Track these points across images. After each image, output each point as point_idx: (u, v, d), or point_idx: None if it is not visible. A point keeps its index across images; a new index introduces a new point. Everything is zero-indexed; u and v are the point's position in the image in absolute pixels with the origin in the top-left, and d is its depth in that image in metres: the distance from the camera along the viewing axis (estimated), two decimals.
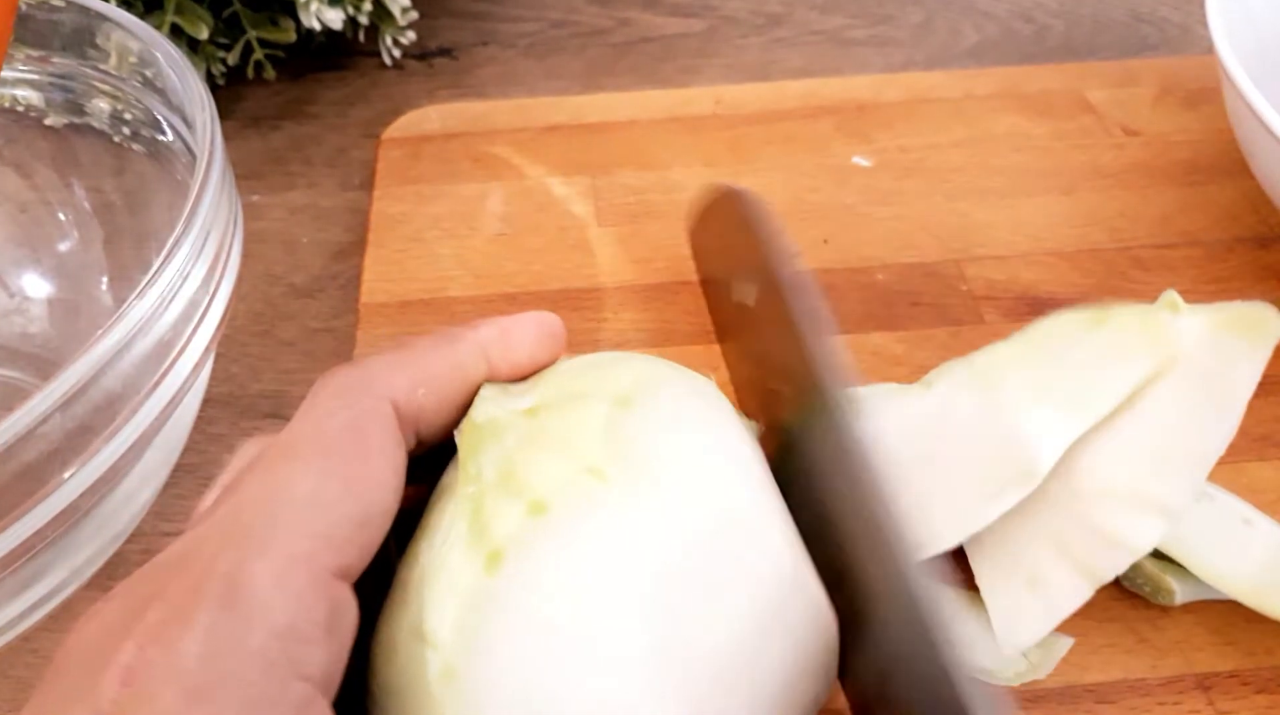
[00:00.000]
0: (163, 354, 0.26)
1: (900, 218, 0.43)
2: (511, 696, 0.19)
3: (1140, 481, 0.29)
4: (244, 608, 0.17)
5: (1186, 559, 0.29)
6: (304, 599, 0.18)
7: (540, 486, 0.20)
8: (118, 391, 0.25)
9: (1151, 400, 0.30)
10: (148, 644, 0.17)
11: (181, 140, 0.33)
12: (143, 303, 0.25)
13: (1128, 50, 0.54)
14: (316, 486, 0.19)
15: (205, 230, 0.27)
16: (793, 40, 0.55)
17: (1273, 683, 0.29)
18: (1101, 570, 0.29)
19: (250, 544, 0.18)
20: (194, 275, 0.27)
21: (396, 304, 0.40)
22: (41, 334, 0.37)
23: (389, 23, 0.51)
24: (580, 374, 0.23)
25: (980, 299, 0.40)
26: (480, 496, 0.21)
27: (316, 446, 0.20)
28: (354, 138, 0.49)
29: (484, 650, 0.19)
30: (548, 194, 0.44)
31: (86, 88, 0.36)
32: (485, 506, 0.20)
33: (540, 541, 0.20)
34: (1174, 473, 0.29)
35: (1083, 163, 0.45)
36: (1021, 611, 0.29)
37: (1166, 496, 0.29)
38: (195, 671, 0.16)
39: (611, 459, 0.20)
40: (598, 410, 0.21)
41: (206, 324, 0.27)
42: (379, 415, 0.21)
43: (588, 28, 0.56)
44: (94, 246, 0.38)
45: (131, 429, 0.25)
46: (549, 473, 0.21)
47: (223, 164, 0.29)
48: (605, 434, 0.21)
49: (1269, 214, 0.42)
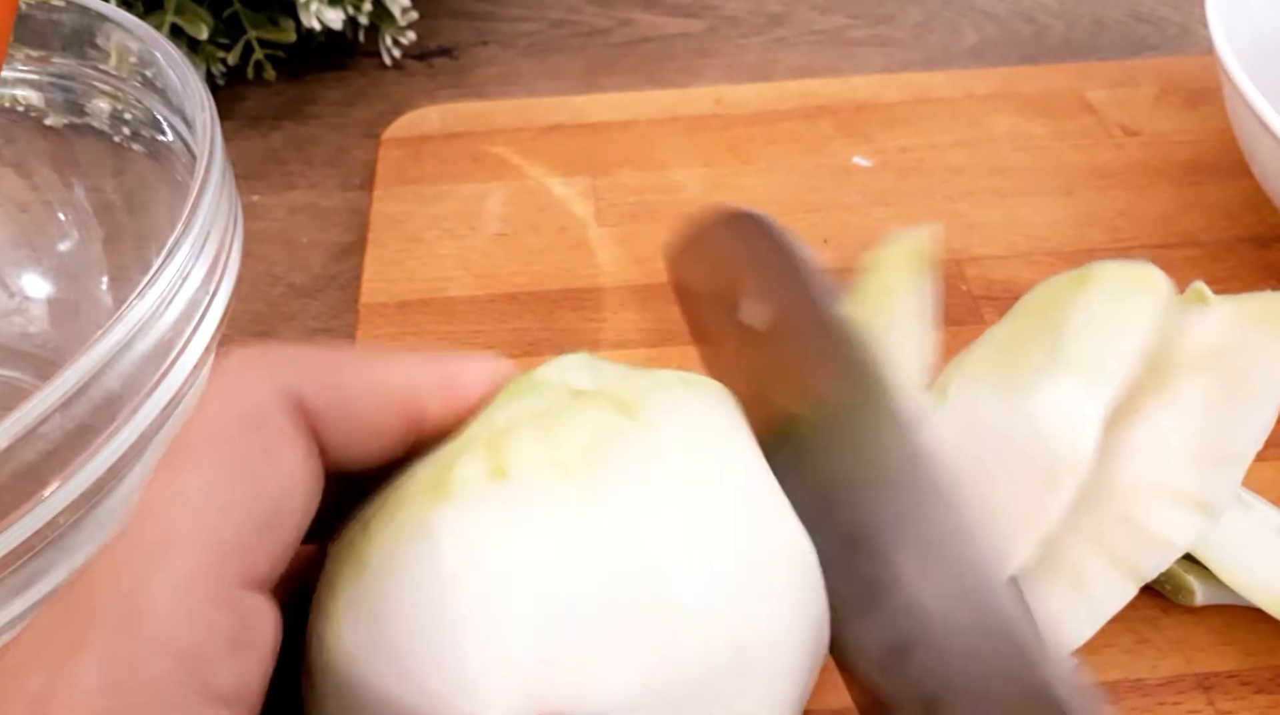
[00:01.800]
0: (163, 354, 0.26)
1: (900, 218, 0.43)
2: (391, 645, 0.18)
3: (1179, 478, 0.29)
4: (143, 632, 0.16)
5: (1217, 565, 0.29)
6: (206, 616, 0.16)
7: (516, 457, 0.19)
8: (118, 392, 0.24)
9: (1183, 394, 0.30)
10: (54, 673, 0.16)
11: (181, 140, 0.33)
12: (143, 303, 0.25)
13: (1127, 50, 0.54)
14: (212, 488, 0.17)
15: (205, 230, 0.27)
16: (793, 40, 0.55)
17: (1273, 683, 0.29)
18: (1144, 568, 0.28)
19: (146, 559, 0.17)
20: (194, 275, 0.27)
21: (396, 304, 0.40)
22: (41, 334, 0.37)
23: (389, 23, 0.51)
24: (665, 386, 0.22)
25: (980, 299, 0.40)
26: (467, 445, 0.20)
27: (211, 442, 0.18)
28: (354, 138, 0.49)
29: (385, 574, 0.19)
30: (548, 194, 0.44)
31: (86, 88, 0.35)
32: (461, 456, 0.20)
33: (476, 506, 0.19)
34: (1212, 468, 0.29)
35: (1083, 163, 0.45)
36: (1068, 613, 0.28)
37: (1206, 492, 0.28)
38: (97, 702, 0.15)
39: (589, 463, 0.19)
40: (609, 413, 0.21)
41: (206, 324, 0.27)
42: (281, 402, 0.18)
43: (588, 28, 0.56)
44: (94, 246, 0.38)
45: (131, 429, 0.25)
46: (518, 458, 0.19)
47: (223, 164, 0.29)
48: (601, 438, 0.20)
49: (1269, 214, 0.42)
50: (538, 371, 0.22)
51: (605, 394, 0.21)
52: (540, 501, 0.19)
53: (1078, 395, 0.29)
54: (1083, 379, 0.29)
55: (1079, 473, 0.28)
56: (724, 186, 0.44)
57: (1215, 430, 0.29)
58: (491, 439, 0.20)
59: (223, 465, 0.17)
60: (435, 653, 0.18)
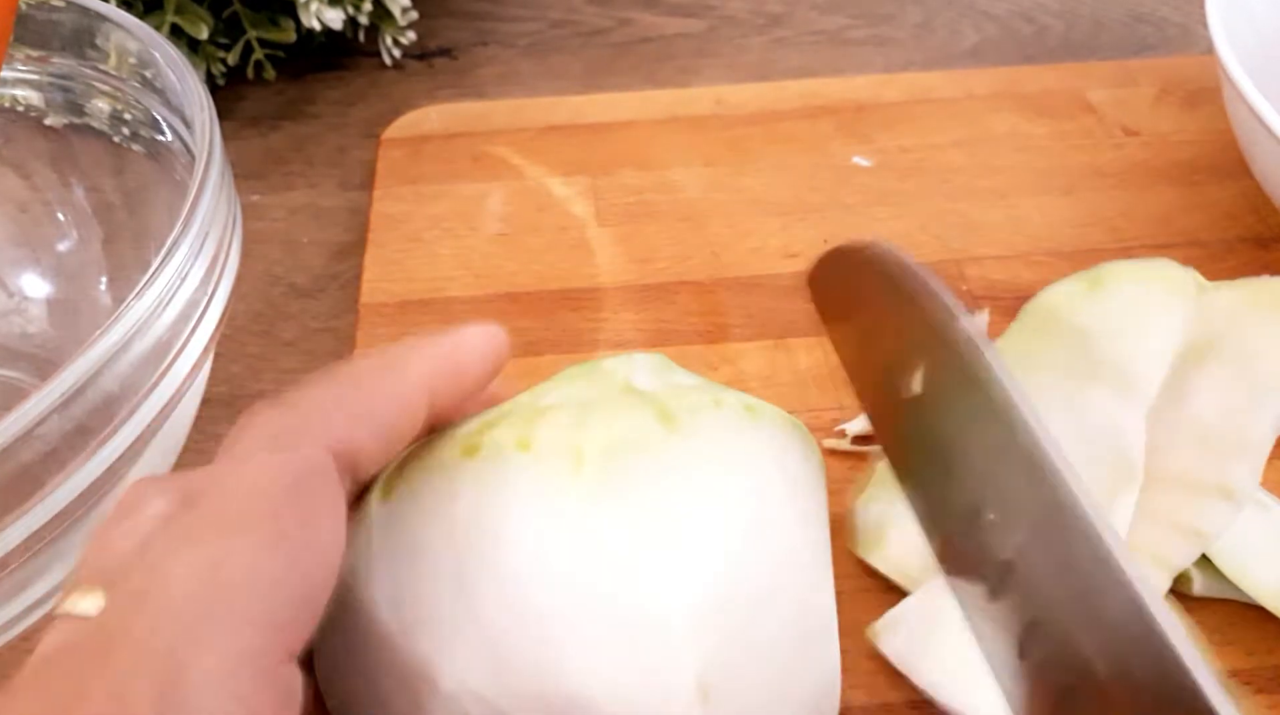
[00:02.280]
0: (161, 354, 0.26)
1: (900, 218, 0.43)
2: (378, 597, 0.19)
3: (1200, 467, 0.29)
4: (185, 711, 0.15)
5: (1225, 563, 0.29)
6: (253, 697, 0.16)
7: (544, 434, 0.20)
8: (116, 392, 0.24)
9: (1194, 384, 0.30)
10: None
11: (181, 140, 0.33)
12: (141, 303, 0.25)
13: (1127, 50, 0.54)
14: (258, 564, 0.16)
15: (204, 230, 0.27)
16: (793, 40, 0.55)
17: (1273, 683, 0.29)
18: (1175, 559, 0.28)
19: (184, 637, 0.16)
20: (192, 275, 0.27)
21: (396, 304, 0.40)
22: (40, 334, 0.37)
23: (389, 23, 0.51)
24: (723, 407, 0.21)
25: (980, 299, 0.40)
26: (510, 413, 0.21)
27: (254, 513, 0.17)
28: (354, 138, 0.49)
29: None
30: (548, 194, 0.44)
31: (86, 88, 0.36)
32: (502, 422, 0.21)
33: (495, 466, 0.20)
34: (1232, 455, 0.29)
35: (1083, 163, 0.45)
36: None
37: (1229, 479, 0.28)
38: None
39: (605, 458, 0.20)
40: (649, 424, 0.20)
41: (205, 324, 0.27)
42: (321, 469, 0.18)
43: (588, 28, 0.56)
44: (93, 246, 0.38)
45: (130, 429, 0.25)
46: (546, 436, 0.20)
47: (221, 164, 0.29)
48: (630, 439, 0.20)
49: (1269, 214, 0.42)
50: (606, 361, 0.23)
51: (655, 399, 0.21)
52: (541, 481, 0.19)
53: (1115, 406, 0.29)
54: (1117, 388, 0.29)
55: (1134, 481, 0.28)
56: (724, 186, 0.44)
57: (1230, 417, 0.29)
58: (533, 413, 0.21)
59: (265, 539, 0.17)
60: (421, 585, 0.19)
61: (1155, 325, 0.30)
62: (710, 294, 0.40)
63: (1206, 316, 0.30)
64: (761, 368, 0.37)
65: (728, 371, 0.37)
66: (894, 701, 0.29)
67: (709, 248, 0.42)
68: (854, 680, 0.30)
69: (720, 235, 0.42)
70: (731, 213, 0.43)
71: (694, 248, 0.42)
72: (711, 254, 0.42)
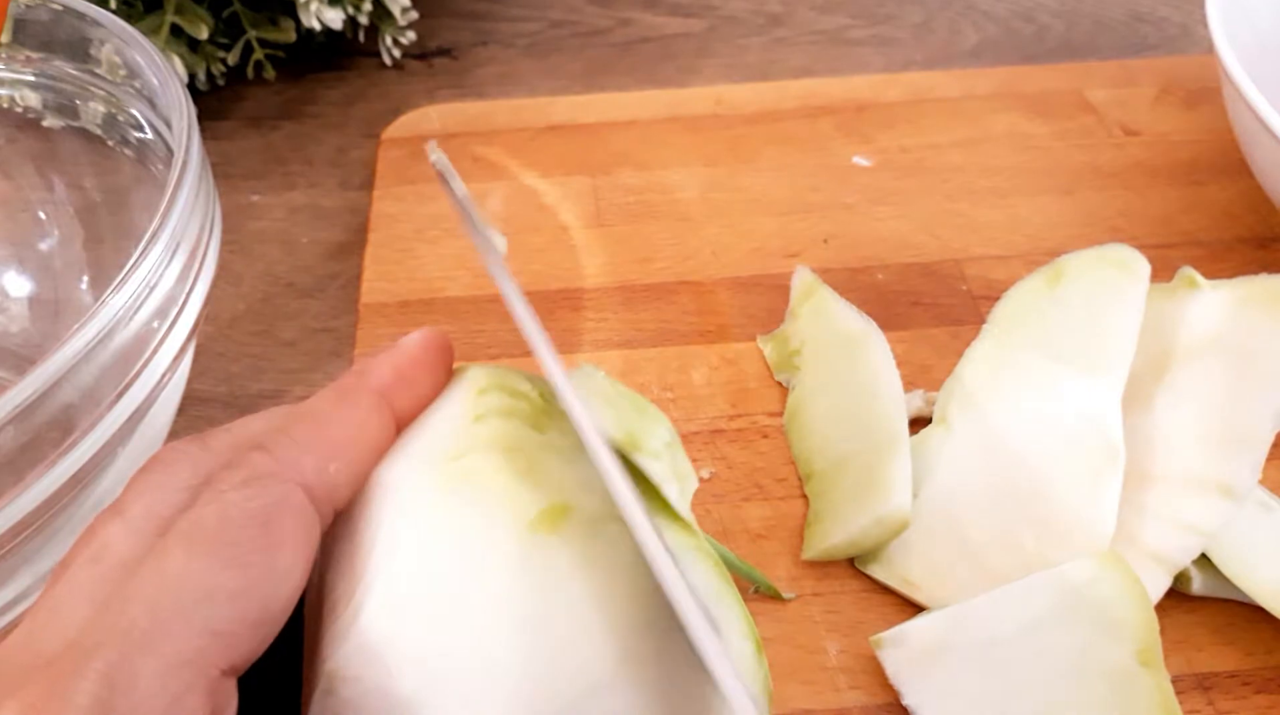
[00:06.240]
0: (138, 351, 0.26)
1: (900, 218, 0.43)
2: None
3: (1199, 464, 0.29)
4: (116, 712, 0.16)
5: (1225, 563, 0.29)
6: (187, 701, 0.17)
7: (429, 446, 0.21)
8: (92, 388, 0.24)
9: (1191, 382, 0.30)
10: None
11: (162, 140, 0.33)
12: (116, 299, 0.25)
13: (1127, 50, 0.54)
14: (211, 580, 0.18)
15: (180, 229, 0.27)
16: (793, 40, 0.55)
17: (1273, 683, 0.29)
18: (1175, 557, 0.28)
19: (133, 640, 0.17)
20: (169, 273, 0.27)
21: (396, 304, 0.40)
22: (21, 332, 0.37)
23: (389, 23, 0.51)
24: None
25: (980, 299, 0.40)
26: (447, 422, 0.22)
27: (217, 537, 0.18)
28: (354, 138, 0.49)
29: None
30: (547, 194, 0.44)
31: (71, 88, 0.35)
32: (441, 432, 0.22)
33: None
34: (1231, 451, 0.29)
35: (1083, 163, 0.45)
36: None
37: (1227, 477, 0.28)
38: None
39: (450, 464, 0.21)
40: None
41: (182, 322, 0.27)
42: (291, 505, 0.19)
43: (588, 28, 0.56)
44: (74, 246, 0.38)
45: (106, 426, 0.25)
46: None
47: (199, 163, 0.29)
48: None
49: (1269, 214, 0.42)
50: (535, 378, 0.24)
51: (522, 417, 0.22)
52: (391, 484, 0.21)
53: (1089, 392, 0.29)
54: (1087, 376, 0.29)
55: (1117, 462, 0.28)
56: (724, 186, 0.44)
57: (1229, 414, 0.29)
58: (459, 427, 0.22)
59: (224, 560, 0.18)
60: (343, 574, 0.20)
61: (1113, 310, 0.30)
62: (710, 294, 0.40)
63: (1206, 315, 0.30)
64: (761, 368, 0.37)
65: (728, 371, 0.37)
66: (894, 701, 0.29)
67: (708, 248, 0.42)
68: (854, 680, 0.30)
69: (720, 235, 0.42)
70: (731, 213, 0.43)
71: (693, 248, 0.42)
72: (711, 254, 0.42)
